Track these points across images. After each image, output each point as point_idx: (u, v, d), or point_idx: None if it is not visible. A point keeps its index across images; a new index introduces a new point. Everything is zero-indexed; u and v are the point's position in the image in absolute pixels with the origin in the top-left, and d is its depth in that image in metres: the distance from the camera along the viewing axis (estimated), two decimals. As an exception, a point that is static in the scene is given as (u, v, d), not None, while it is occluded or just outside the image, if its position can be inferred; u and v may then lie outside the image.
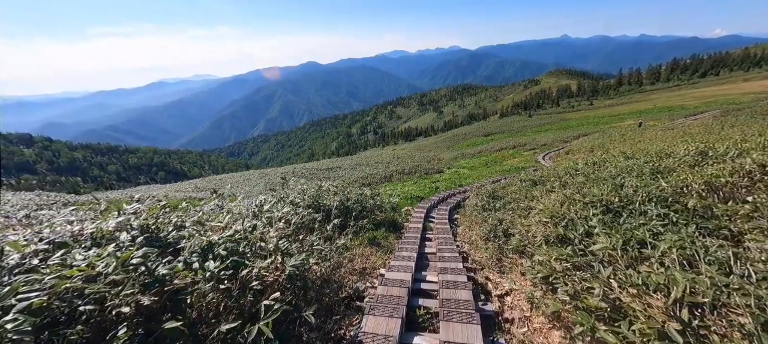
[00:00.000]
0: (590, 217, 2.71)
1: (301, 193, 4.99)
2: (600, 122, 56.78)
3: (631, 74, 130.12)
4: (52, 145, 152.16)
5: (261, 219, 2.67)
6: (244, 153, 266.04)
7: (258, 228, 2.34)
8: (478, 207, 5.82)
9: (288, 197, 4.52)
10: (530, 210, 4.14)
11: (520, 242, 3.17)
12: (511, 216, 4.32)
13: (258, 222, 2.48)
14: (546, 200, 3.86)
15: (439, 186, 11.69)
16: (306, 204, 4.44)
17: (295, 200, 4.42)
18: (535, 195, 4.77)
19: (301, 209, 3.98)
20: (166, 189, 24.58)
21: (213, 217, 2.81)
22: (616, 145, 20.43)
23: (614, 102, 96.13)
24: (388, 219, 5.65)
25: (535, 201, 4.52)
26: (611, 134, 28.53)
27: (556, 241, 2.62)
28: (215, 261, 1.65)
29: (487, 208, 5.58)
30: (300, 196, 4.71)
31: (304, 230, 3.74)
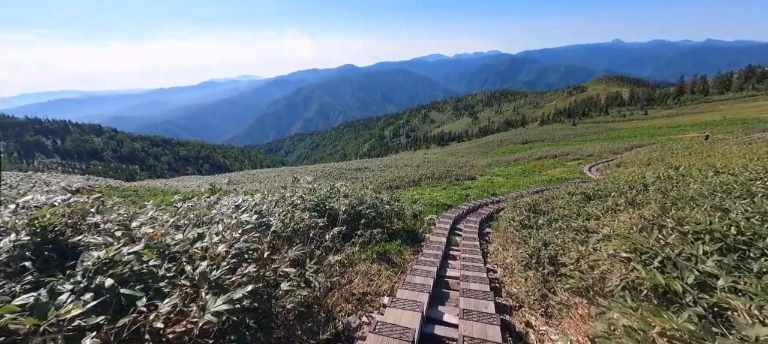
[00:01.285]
0: (700, 257, 1.75)
1: (309, 192, 4.36)
2: (656, 133, 51.48)
3: (695, 82, 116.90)
4: (117, 135, 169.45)
5: (216, 227, 2.02)
6: (282, 150, 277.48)
7: (206, 238, 1.71)
8: (516, 222, 4.84)
9: (291, 197, 3.92)
10: (588, 232, 3.17)
11: (580, 280, 2.25)
12: (560, 239, 3.36)
13: (210, 230, 1.85)
14: (614, 222, 2.87)
15: (470, 194, 10.64)
16: (306, 207, 3.79)
17: (294, 201, 3.78)
18: (593, 214, 3.74)
19: (300, 212, 3.33)
20: (203, 180, 25.70)
21: (173, 217, 2.27)
22: (680, 159, 17.98)
23: (673, 112, 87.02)
24: (407, 229, 4.88)
25: (592, 220, 3.51)
26: (672, 147, 25.40)
27: (649, 293, 1.70)
28: (90, 292, 1.03)
29: (526, 225, 4.61)
30: (307, 196, 4.07)
31: (300, 237, 3.09)
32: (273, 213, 3.04)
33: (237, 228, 1.97)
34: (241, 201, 3.05)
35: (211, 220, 2.42)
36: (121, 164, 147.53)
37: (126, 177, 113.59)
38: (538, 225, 4.42)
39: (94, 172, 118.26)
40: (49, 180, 13.19)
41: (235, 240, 1.77)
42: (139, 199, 12.52)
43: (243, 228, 1.96)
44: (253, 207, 2.81)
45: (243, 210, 2.54)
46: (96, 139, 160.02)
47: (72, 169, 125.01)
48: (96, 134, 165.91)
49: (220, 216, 2.46)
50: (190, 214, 2.57)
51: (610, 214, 3.52)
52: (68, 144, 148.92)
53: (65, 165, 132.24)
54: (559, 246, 3.17)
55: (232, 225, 2.02)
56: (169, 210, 2.73)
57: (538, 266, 3.24)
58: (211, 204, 3.08)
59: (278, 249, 2.53)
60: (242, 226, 2.00)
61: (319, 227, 3.40)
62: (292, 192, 4.27)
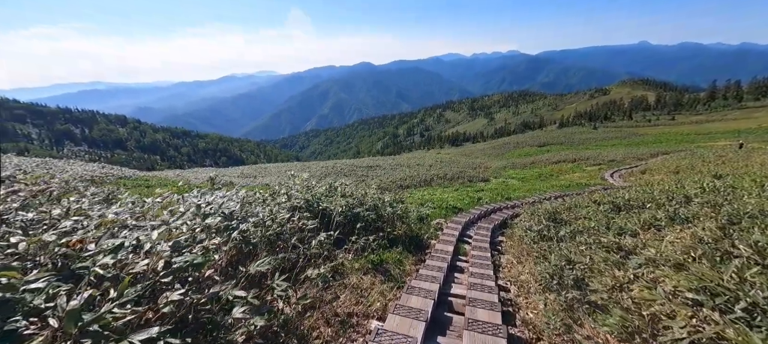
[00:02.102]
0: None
1: (305, 190, 3.95)
2: (684, 140, 48.95)
3: (729, 87, 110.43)
4: (140, 126, 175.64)
5: (154, 233, 1.58)
6: (296, 145, 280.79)
7: (135, 247, 1.31)
8: (533, 232, 4.31)
9: (280, 195, 3.51)
10: (622, 252, 2.63)
11: (623, 321, 1.73)
12: (587, 257, 2.82)
13: (147, 235, 1.44)
14: (661, 243, 2.33)
15: (483, 197, 10.06)
16: (294, 205, 3.37)
17: (281, 200, 3.36)
18: (628, 229, 3.18)
19: (284, 213, 2.90)
20: (213, 172, 25.96)
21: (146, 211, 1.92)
22: (712, 168, 16.79)
23: (703, 118, 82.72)
24: (410, 234, 4.42)
25: (627, 237, 2.96)
26: (703, 154, 23.89)
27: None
28: None
29: (546, 236, 4.07)
30: (301, 194, 3.65)
31: (284, 242, 2.68)
32: (254, 214, 2.64)
33: (184, 234, 1.57)
34: (211, 198, 2.64)
35: (165, 221, 2.04)
36: (143, 154, 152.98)
37: (147, 166, 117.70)
38: (560, 237, 3.88)
39: (117, 161, 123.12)
40: (64, 168, 13.43)
41: (176, 250, 1.37)
42: (148, 190, 12.52)
43: (191, 235, 1.56)
44: (221, 207, 2.40)
45: (206, 213, 2.14)
46: (121, 129, 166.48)
47: (98, 157, 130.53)
48: (121, 124, 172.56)
49: (175, 218, 2.07)
50: (152, 212, 2.21)
51: (651, 231, 2.96)
52: (95, 133, 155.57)
53: (92, 153, 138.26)
54: (587, 267, 2.64)
55: (178, 231, 1.63)
56: (129, 206, 2.39)
57: (560, 288, 2.72)
58: (182, 200, 2.71)
59: (243, 260, 2.13)
60: (189, 233, 1.58)
61: (309, 230, 2.99)
62: (286, 188, 3.88)
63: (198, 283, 1.40)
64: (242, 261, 2.11)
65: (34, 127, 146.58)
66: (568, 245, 3.50)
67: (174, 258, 1.31)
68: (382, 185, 20.56)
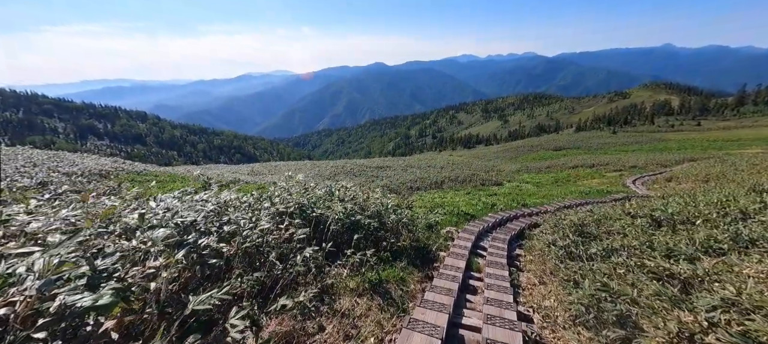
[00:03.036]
0: None
1: (298, 193, 3.51)
2: (710, 146, 46.53)
3: (760, 92, 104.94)
4: (159, 122, 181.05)
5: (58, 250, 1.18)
6: (309, 144, 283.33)
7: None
8: (558, 247, 3.77)
9: (266, 199, 3.08)
10: (673, 280, 2.10)
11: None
12: (630, 285, 2.29)
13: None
14: (737, 277, 1.81)
15: (497, 203, 9.46)
16: (279, 211, 2.92)
17: (267, 205, 2.93)
18: (681, 251, 2.62)
19: (265, 221, 2.45)
20: (228, 169, 26.10)
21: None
22: (745, 176, 15.64)
23: (732, 124, 78.78)
24: (418, 245, 3.95)
25: (681, 261, 2.42)
26: (734, 162, 22.47)
27: None
28: None
29: (573, 254, 3.53)
30: (294, 198, 3.21)
31: (262, 257, 2.25)
32: (235, 222, 2.24)
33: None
34: (171, 203, 2.22)
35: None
36: (161, 149, 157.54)
37: (164, 161, 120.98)
38: (589, 254, 3.34)
39: (137, 155, 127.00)
40: (75, 161, 13.55)
41: (91, 285, 0.96)
42: (155, 186, 12.44)
43: (118, 257, 1.17)
44: (174, 217, 1.98)
45: (152, 224, 1.72)
46: (141, 125, 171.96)
47: (118, 152, 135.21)
48: (141, 120, 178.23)
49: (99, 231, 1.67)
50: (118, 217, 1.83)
51: (712, 256, 2.41)
52: (117, 128, 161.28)
53: (113, 147, 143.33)
54: (632, 300, 2.12)
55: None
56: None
57: (598, 325, 2.21)
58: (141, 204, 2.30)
59: (203, 284, 1.71)
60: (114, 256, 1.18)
61: (298, 241, 2.56)
62: (280, 191, 3.46)
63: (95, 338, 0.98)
64: (198, 287, 1.69)
65: (61, 121, 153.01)
66: (600, 265, 2.96)
67: (66, 297, 0.90)
68: (392, 187, 20.06)
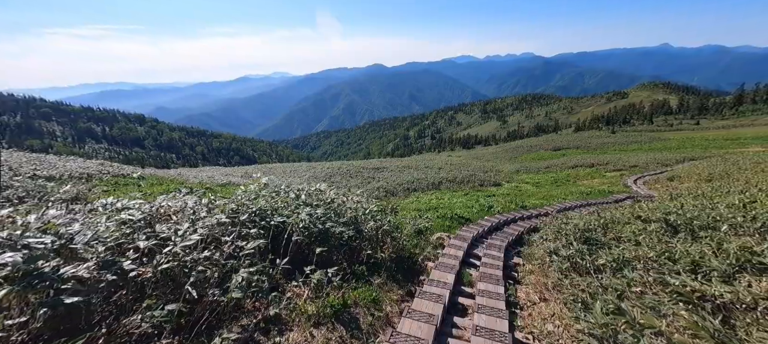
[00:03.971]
0: None
1: (271, 197, 3.01)
2: (710, 145, 46.25)
3: (758, 91, 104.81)
4: (158, 125, 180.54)
5: None
6: (308, 146, 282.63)
7: None
8: (561, 257, 3.31)
9: (216, 207, 2.58)
10: (706, 303, 1.65)
11: None
12: (652, 312, 1.84)
13: None
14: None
15: (494, 205, 9.01)
16: (219, 222, 2.41)
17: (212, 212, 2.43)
18: (714, 268, 2.18)
19: (199, 233, 1.95)
20: (216, 171, 25.62)
21: None
22: (750, 176, 15.27)
23: (731, 123, 78.64)
24: (402, 255, 3.48)
25: (714, 282, 1.96)
26: (737, 161, 22.11)
27: None
28: None
29: (579, 265, 3.07)
30: (249, 204, 2.72)
31: (192, 279, 1.78)
32: (165, 236, 1.79)
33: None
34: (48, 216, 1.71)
35: None
36: (160, 152, 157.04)
37: (162, 164, 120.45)
38: (598, 267, 2.89)
39: (135, 158, 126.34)
40: (56, 164, 13.06)
41: None
42: (141, 189, 12.02)
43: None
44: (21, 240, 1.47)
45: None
46: (139, 128, 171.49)
47: (117, 155, 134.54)
48: (139, 123, 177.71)
49: None
50: None
51: (754, 275, 1.96)
52: (115, 131, 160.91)
53: (111, 150, 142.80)
54: (661, 335, 1.66)
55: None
56: None
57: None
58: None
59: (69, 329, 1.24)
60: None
61: (246, 256, 2.09)
62: (242, 195, 2.99)
63: None
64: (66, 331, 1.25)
65: (59, 124, 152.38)
66: (612, 281, 2.50)
67: None
68: (388, 188, 19.61)
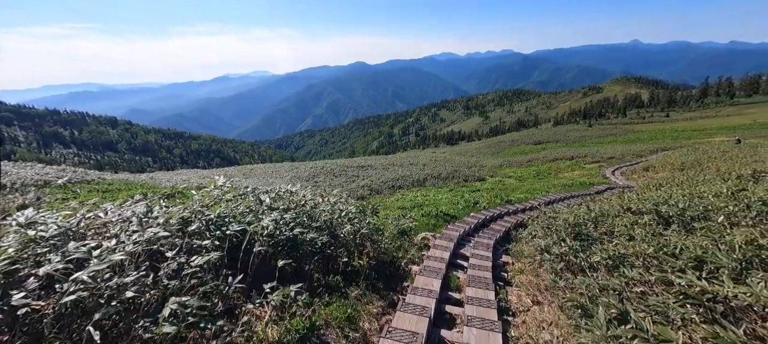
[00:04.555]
0: None
1: (233, 202, 2.62)
2: (680, 136, 48.60)
3: (721, 84, 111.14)
4: (132, 128, 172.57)
5: None
6: (291, 146, 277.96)
7: None
8: (554, 255, 3.12)
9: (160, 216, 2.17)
10: (714, 303, 1.45)
11: None
12: (658, 318, 1.63)
13: None
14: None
15: (480, 200, 8.87)
16: (163, 233, 2.03)
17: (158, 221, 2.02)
18: (723, 264, 1.99)
19: (125, 253, 1.54)
20: (193, 174, 24.54)
21: None
22: (720, 164, 15.95)
23: (697, 115, 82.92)
24: (384, 260, 3.19)
25: (727, 283, 1.77)
26: (706, 151, 23.21)
27: None
28: None
29: (573, 264, 2.87)
30: (193, 211, 2.28)
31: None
32: (82, 256, 1.39)
33: None
34: None
35: None
36: (134, 156, 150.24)
37: (137, 168, 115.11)
38: (592, 264, 2.70)
39: (108, 163, 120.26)
40: (8, 171, 11.99)
41: None
42: (106, 195, 11.21)
43: None
44: None
45: None
46: (111, 131, 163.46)
47: (87, 160, 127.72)
48: (111, 126, 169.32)
49: None
50: None
51: (765, 270, 1.79)
52: (85, 135, 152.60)
53: (81, 155, 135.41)
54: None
55: None
56: None
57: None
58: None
59: None
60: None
61: (192, 275, 1.72)
62: (200, 199, 2.58)
63: None
64: None
65: (22, 129, 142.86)
66: (610, 281, 2.29)
67: None
68: (373, 186, 19.29)
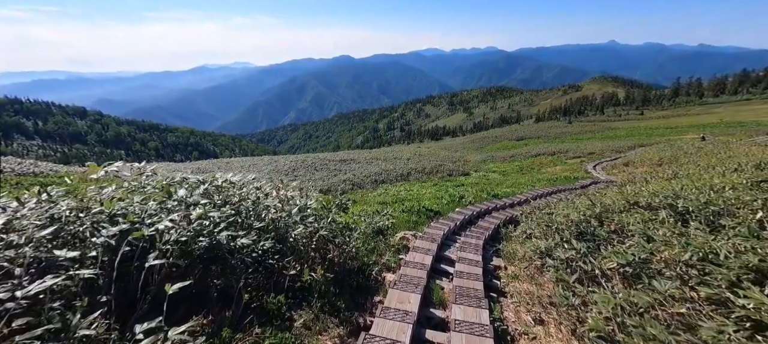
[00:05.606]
0: None
1: (148, 198, 1.91)
2: (653, 133, 50.38)
3: (691, 84, 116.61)
4: (102, 119, 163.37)
5: None
6: (274, 140, 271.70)
7: None
8: (558, 261, 2.59)
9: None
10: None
11: None
12: None
13: None
14: None
15: (465, 195, 8.38)
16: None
17: None
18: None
19: None
20: (162, 167, 23.04)
21: None
22: (695, 159, 16.23)
23: (669, 113, 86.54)
24: (351, 268, 2.56)
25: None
26: (681, 147, 23.78)
27: None
28: None
29: (582, 271, 2.36)
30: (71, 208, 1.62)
31: None
32: None
33: None
34: None
35: None
36: (105, 148, 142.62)
37: (108, 161, 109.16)
38: (604, 272, 2.19)
39: (76, 156, 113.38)
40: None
41: None
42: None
43: None
44: None
45: None
46: (80, 122, 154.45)
47: (53, 152, 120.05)
48: (80, 117, 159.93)
49: None
50: None
51: None
52: (50, 126, 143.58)
53: (46, 147, 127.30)
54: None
55: None
56: None
57: None
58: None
59: None
60: None
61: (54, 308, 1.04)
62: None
63: None
64: None
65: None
66: (637, 296, 1.76)
67: None
68: (355, 181, 18.55)
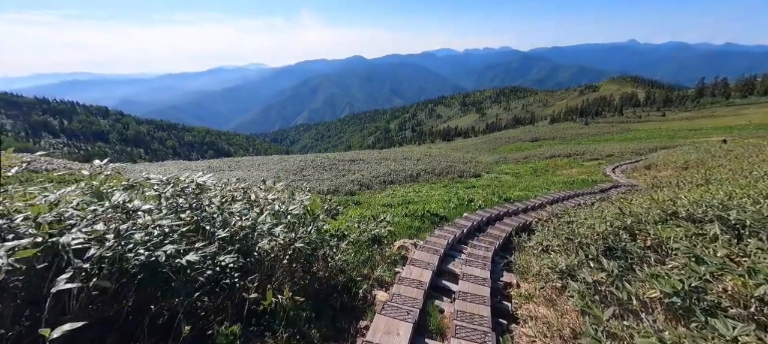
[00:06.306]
0: None
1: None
2: (676, 135, 48.17)
3: (716, 84, 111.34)
4: (123, 118, 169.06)
5: None
6: (287, 140, 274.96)
7: None
8: (585, 285, 2.16)
9: None
10: None
11: None
12: None
13: None
14: None
15: (475, 198, 7.89)
16: None
17: None
18: None
19: None
20: (176, 165, 23.35)
21: None
22: (724, 163, 15.11)
23: (692, 114, 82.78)
24: (336, 283, 2.19)
25: None
26: (708, 149, 22.36)
27: None
28: None
29: (616, 299, 1.89)
30: None
31: None
32: None
33: None
34: None
35: None
36: (126, 147, 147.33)
37: (129, 160, 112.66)
38: (645, 300, 1.74)
39: (98, 154, 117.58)
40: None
41: None
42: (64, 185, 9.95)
43: None
44: None
45: None
46: (102, 121, 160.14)
47: (78, 150, 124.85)
48: (102, 116, 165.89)
49: None
50: None
51: None
52: (75, 125, 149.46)
53: (71, 145, 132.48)
54: None
55: None
56: None
57: None
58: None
59: None
60: None
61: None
62: None
63: None
64: None
65: (8, 117, 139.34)
66: (692, 337, 1.32)
67: None
68: (363, 181, 18.20)
